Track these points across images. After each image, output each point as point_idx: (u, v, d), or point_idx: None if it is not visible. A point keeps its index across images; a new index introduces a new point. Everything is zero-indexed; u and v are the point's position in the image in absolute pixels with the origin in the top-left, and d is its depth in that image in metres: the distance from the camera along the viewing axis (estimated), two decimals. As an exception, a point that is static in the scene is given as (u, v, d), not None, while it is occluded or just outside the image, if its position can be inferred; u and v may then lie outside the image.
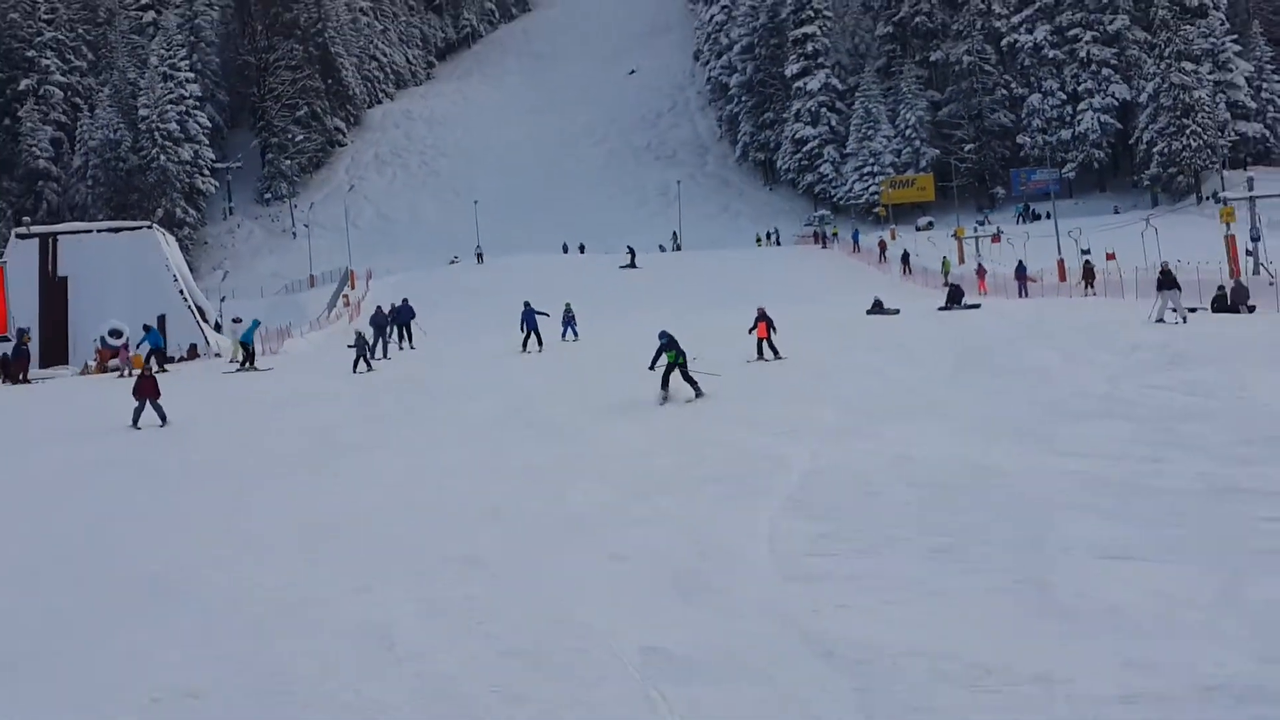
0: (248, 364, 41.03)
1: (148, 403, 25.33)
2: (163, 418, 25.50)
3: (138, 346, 45.56)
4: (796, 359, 32.22)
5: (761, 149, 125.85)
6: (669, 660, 9.14)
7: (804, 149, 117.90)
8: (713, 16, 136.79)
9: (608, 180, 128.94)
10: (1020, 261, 60.59)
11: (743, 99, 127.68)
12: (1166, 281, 34.61)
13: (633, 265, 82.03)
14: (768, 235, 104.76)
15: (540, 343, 40.74)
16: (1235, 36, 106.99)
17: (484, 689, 8.91)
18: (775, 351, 30.34)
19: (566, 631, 10.23)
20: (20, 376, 44.49)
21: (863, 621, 9.72)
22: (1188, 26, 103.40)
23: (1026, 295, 55.34)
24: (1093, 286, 53.27)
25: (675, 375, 24.50)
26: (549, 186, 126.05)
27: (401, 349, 44.43)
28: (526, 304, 42.38)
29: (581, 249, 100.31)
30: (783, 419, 21.84)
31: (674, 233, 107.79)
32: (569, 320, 43.67)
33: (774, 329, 30.72)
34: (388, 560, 13.43)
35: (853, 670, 8.54)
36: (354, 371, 36.06)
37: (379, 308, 46.21)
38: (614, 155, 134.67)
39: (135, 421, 25.36)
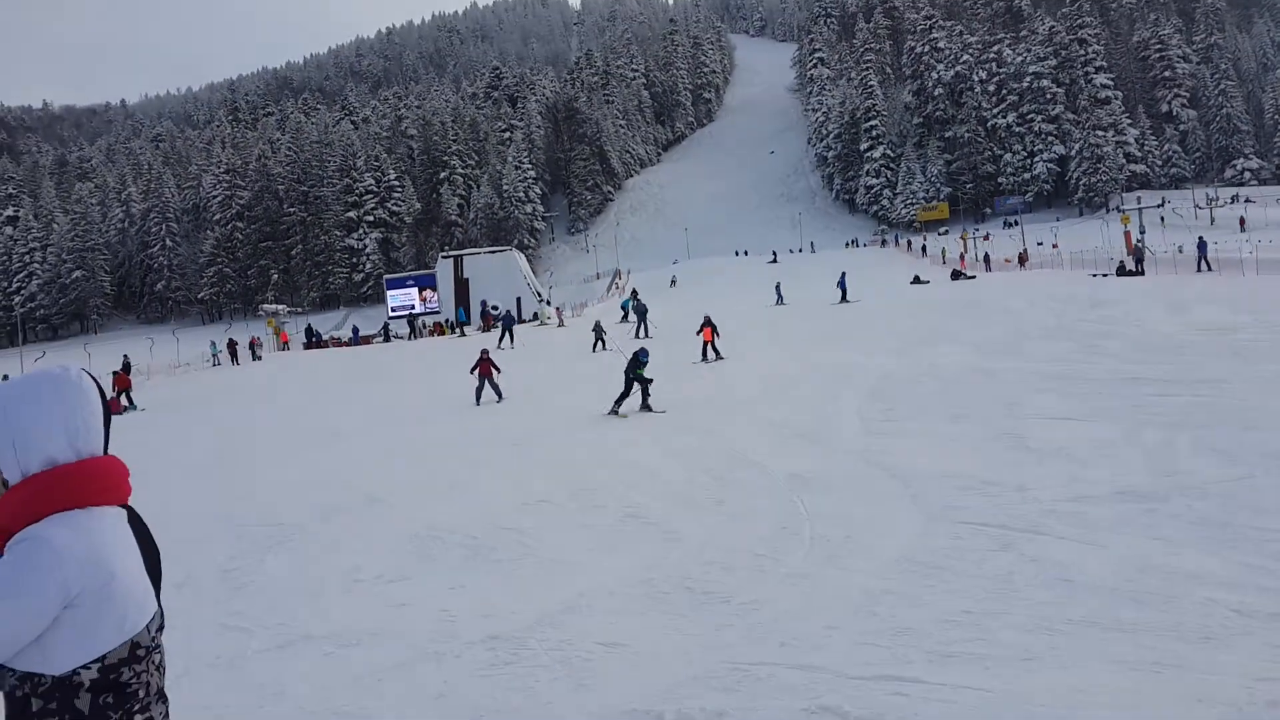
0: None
1: (486, 381, 18.87)
2: (499, 394, 18.91)
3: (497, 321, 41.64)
4: (869, 307, 32.27)
5: (847, 193, 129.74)
6: (801, 479, 9.39)
7: (870, 191, 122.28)
8: (817, 118, 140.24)
9: (760, 214, 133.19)
10: (986, 252, 61.51)
11: (835, 163, 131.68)
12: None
13: (775, 261, 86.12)
14: (853, 241, 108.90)
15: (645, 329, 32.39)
16: (1128, 114, 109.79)
17: (699, 492, 9.37)
18: (718, 353, 22.80)
19: (743, 461, 10.58)
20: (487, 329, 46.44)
21: (912, 457, 9.91)
22: (1099, 110, 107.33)
23: (990, 270, 54.05)
24: (1023, 265, 53.27)
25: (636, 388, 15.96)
26: (726, 218, 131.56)
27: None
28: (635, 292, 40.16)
29: (745, 253, 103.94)
30: (859, 346, 21.52)
31: (810, 242, 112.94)
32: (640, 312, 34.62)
33: (718, 334, 23.41)
34: (652, 429, 14.00)
35: (908, 483, 8.75)
36: (593, 351, 28.29)
37: (637, 295, 37.92)
38: (763, 199, 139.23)
39: (478, 399, 18.82)
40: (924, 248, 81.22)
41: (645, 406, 15.60)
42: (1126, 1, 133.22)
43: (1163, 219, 70.48)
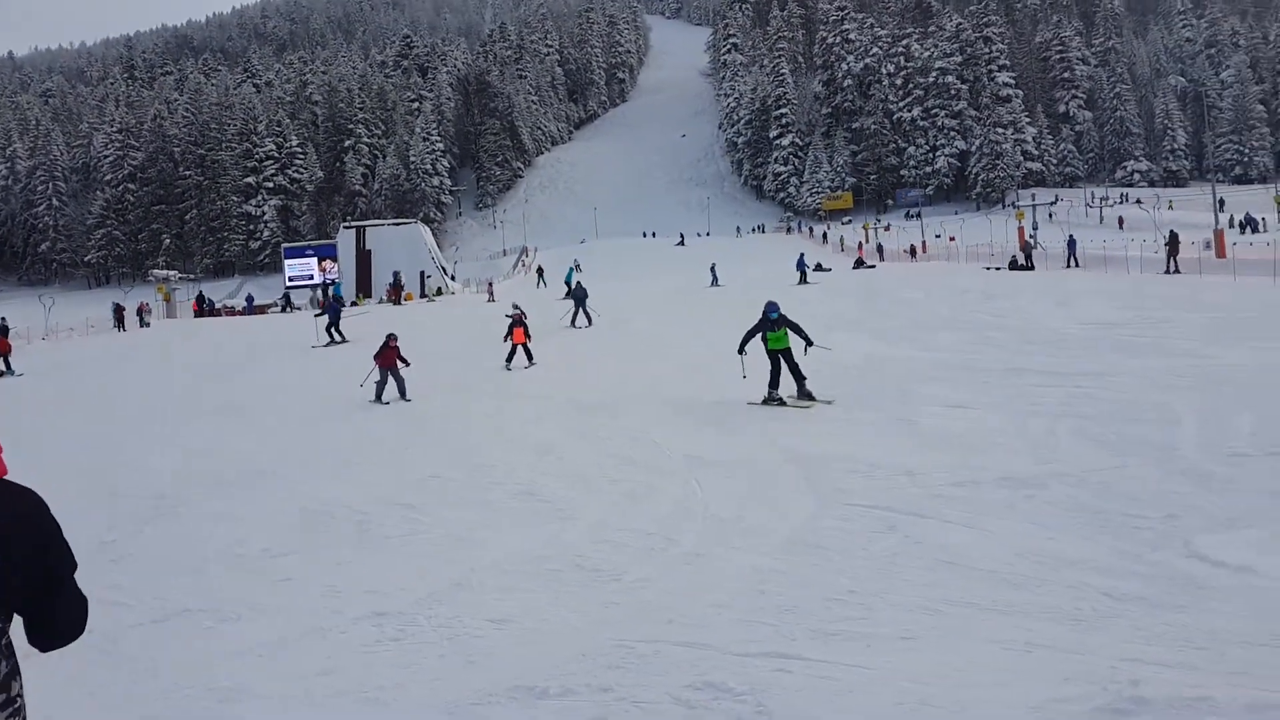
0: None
1: (390, 375, 15.45)
2: (403, 392, 15.39)
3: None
4: (767, 293, 28.79)
5: (756, 179, 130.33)
6: (700, 460, 9.50)
7: (778, 178, 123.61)
8: (729, 103, 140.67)
9: (669, 197, 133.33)
10: (879, 243, 62.90)
11: (745, 149, 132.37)
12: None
13: (682, 244, 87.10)
14: (759, 227, 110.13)
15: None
16: (1027, 112, 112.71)
17: (598, 472, 9.38)
18: (529, 356, 18.66)
19: (644, 442, 10.62)
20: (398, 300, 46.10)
21: (808, 441, 10.06)
22: (1000, 108, 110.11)
23: (883, 260, 53.86)
24: (914, 257, 54.37)
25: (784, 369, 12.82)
26: (635, 199, 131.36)
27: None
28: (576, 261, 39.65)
29: (654, 234, 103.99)
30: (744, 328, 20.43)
31: (708, 231, 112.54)
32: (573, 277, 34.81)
33: (529, 336, 18.84)
34: (556, 410, 13.84)
35: (803, 466, 8.87)
36: (572, 325, 25.56)
37: (579, 283, 30.44)
38: (673, 182, 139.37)
39: (379, 395, 15.34)
40: (824, 235, 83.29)
41: (804, 393, 12.63)
42: (1030, 2, 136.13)
43: (1050, 215, 72.60)
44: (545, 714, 4.35)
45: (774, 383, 12.77)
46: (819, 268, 46.54)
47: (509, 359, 18.69)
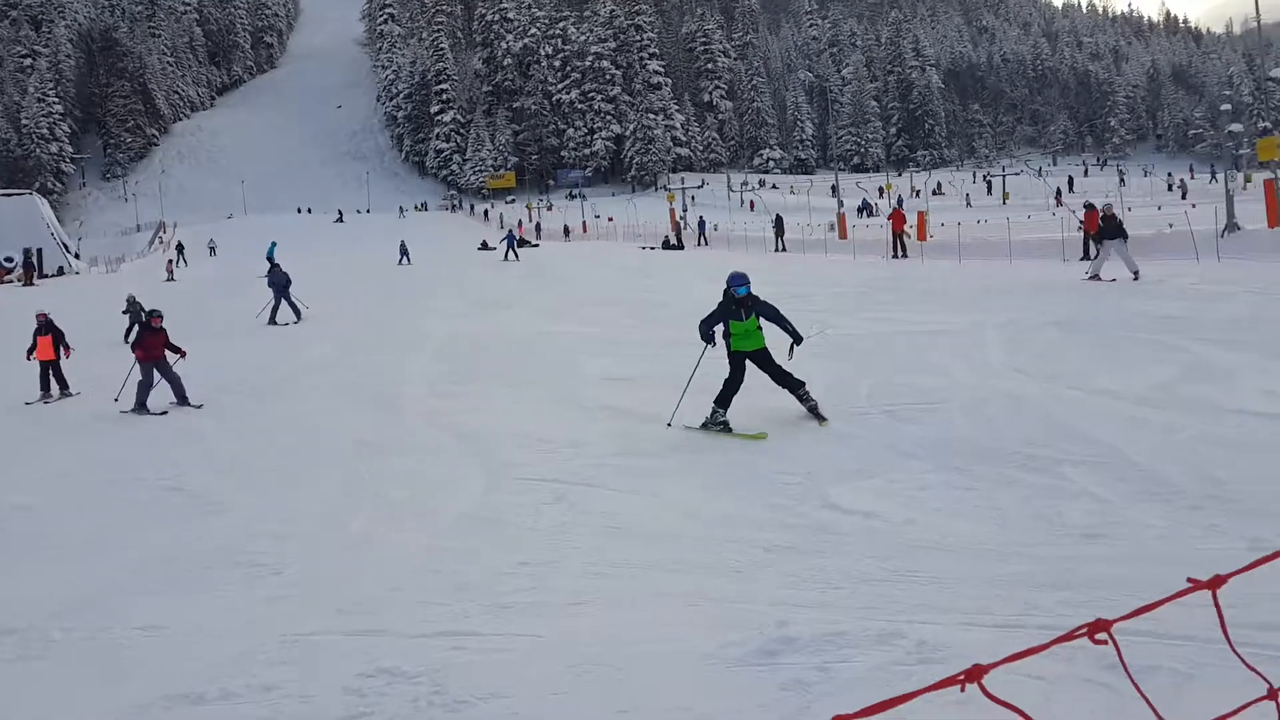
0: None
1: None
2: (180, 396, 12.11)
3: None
4: (437, 273, 31.71)
5: (418, 155, 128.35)
6: (366, 443, 9.28)
7: (441, 155, 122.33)
8: (387, 75, 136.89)
9: (326, 171, 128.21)
10: (538, 222, 65.15)
11: (405, 124, 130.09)
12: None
13: (340, 220, 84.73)
14: (422, 205, 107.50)
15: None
16: (676, 100, 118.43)
17: (252, 460, 8.92)
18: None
19: (305, 427, 10.24)
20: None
21: (476, 418, 10.02)
22: (651, 94, 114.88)
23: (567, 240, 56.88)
24: (568, 236, 57.12)
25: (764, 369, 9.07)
26: (288, 173, 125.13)
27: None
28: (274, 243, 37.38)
29: (309, 210, 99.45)
30: (430, 311, 21.55)
31: (369, 208, 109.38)
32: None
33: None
34: (201, 395, 12.25)
35: (471, 443, 8.88)
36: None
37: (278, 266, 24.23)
38: (329, 156, 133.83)
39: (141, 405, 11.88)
40: (486, 213, 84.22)
41: (809, 404, 8.88)
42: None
43: (693, 198, 76.24)
44: (204, 722, 4.00)
45: (725, 398, 8.76)
46: (485, 245, 47.74)
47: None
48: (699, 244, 39.53)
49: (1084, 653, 3.44)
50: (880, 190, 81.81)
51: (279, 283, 22.28)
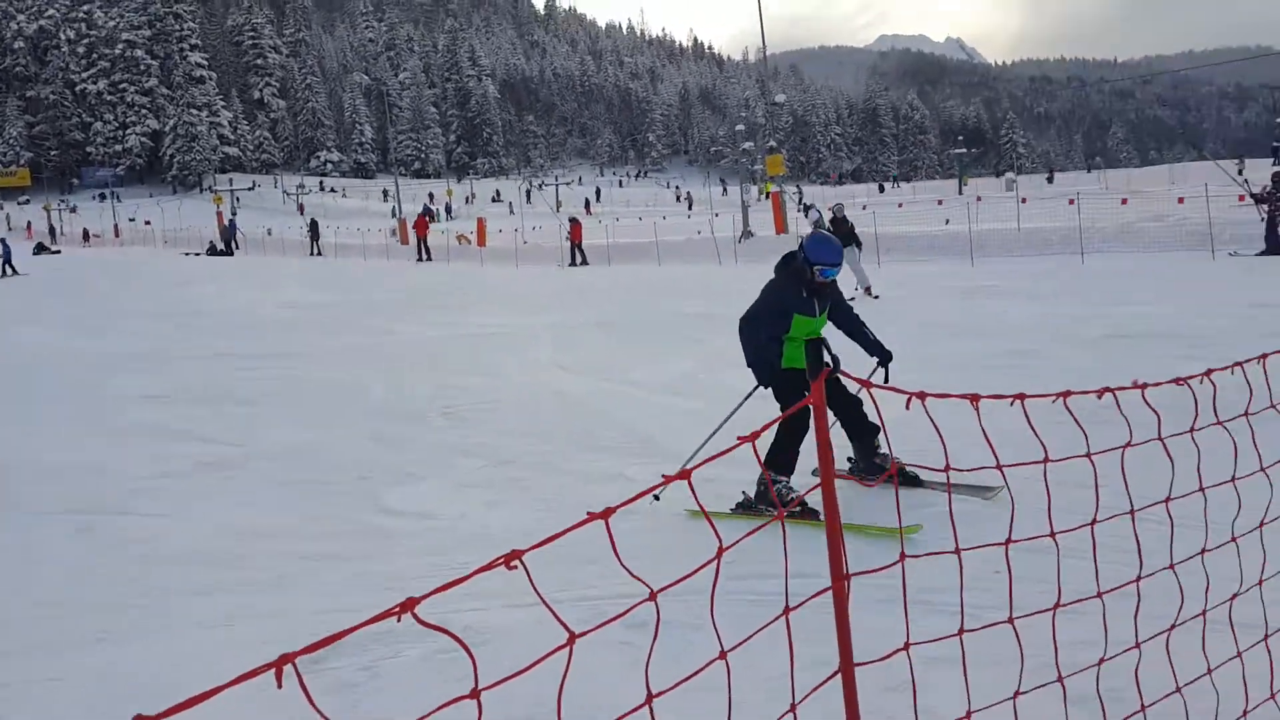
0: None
1: None
2: None
3: None
4: None
5: None
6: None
7: None
8: None
9: None
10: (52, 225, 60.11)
11: None
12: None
13: None
14: None
15: None
16: (222, 96, 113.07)
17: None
18: None
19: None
20: None
21: None
22: (194, 88, 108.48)
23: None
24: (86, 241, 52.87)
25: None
26: None
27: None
28: None
29: None
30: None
31: None
32: None
33: None
34: None
35: None
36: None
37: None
38: None
39: None
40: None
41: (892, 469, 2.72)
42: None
43: (238, 199, 72.69)
44: None
45: (788, 453, 5.50)
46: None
47: None
48: (231, 250, 37.85)
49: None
50: (430, 195, 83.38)
51: None
